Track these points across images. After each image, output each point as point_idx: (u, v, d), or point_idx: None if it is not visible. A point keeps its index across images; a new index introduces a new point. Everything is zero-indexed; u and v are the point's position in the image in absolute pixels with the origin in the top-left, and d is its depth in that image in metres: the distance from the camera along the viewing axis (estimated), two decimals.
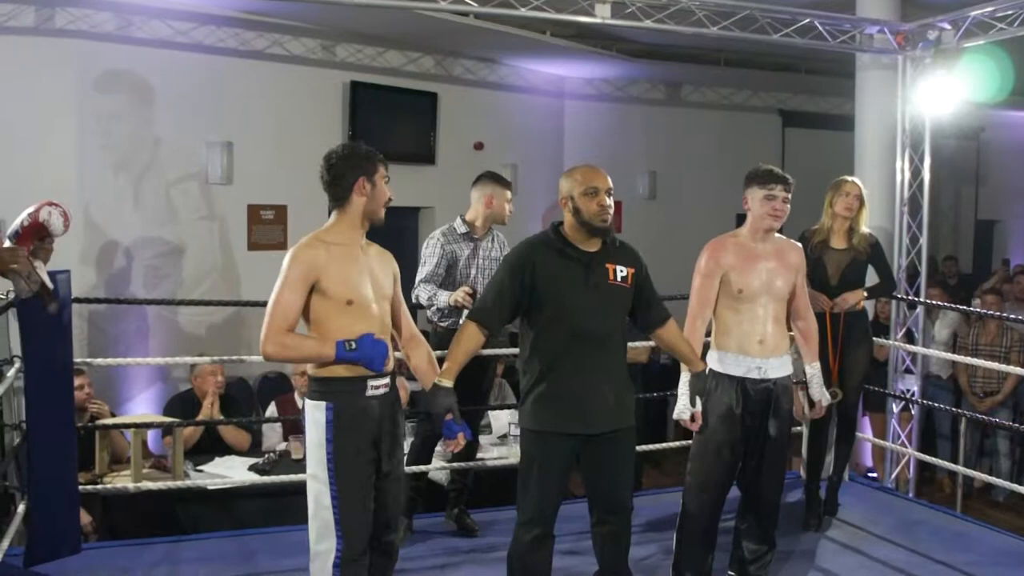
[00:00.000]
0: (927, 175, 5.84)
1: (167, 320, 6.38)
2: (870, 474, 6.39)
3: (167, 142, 6.32)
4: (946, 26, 5.49)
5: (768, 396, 3.61)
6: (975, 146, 11.34)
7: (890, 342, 5.79)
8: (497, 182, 4.45)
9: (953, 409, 6.23)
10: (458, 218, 4.46)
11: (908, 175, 5.88)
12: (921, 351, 5.87)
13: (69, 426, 3.98)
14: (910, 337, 6.03)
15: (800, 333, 3.91)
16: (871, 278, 4.83)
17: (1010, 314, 6.56)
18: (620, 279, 3.26)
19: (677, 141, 9.42)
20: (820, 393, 3.92)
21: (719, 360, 3.64)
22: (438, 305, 4.31)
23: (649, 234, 7.97)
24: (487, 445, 5.43)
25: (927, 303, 5.98)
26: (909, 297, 5.84)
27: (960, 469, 5.46)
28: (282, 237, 6.82)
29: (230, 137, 6.56)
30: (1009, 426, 6.29)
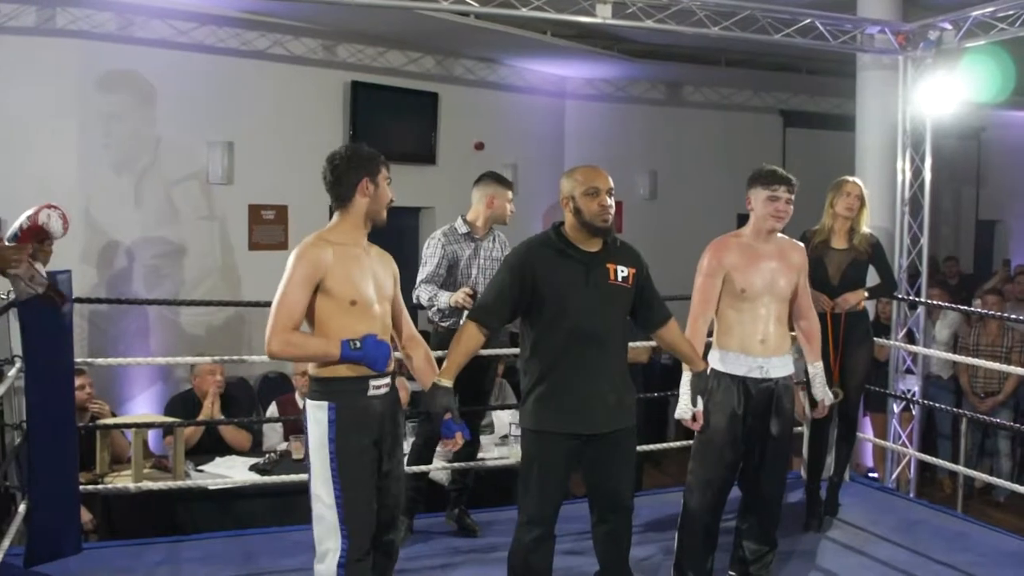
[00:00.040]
0: (928, 175, 5.84)
1: (168, 320, 6.38)
2: (871, 474, 6.38)
3: (168, 142, 6.32)
4: (947, 26, 5.49)
5: (770, 396, 3.61)
6: (976, 146, 11.33)
7: (891, 342, 5.79)
8: (498, 182, 4.45)
9: (954, 409, 6.22)
10: (459, 218, 4.46)
11: (909, 175, 5.87)
12: (922, 351, 5.86)
13: (70, 426, 3.98)
14: (911, 337, 6.03)
15: (802, 333, 3.91)
16: (872, 278, 4.83)
17: (1011, 314, 6.55)
18: (621, 279, 3.26)
19: (678, 141, 9.41)
20: (823, 392, 3.92)
21: (721, 359, 3.64)
22: (439, 306, 4.31)
23: (650, 234, 7.95)
24: (488, 445, 5.42)
25: (928, 303, 5.98)
26: (910, 297, 5.84)
27: (961, 469, 5.46)
28: (283, 237, 6.83)
29: (231, 137, 6.56)
30: (1010, 426, 6.29)
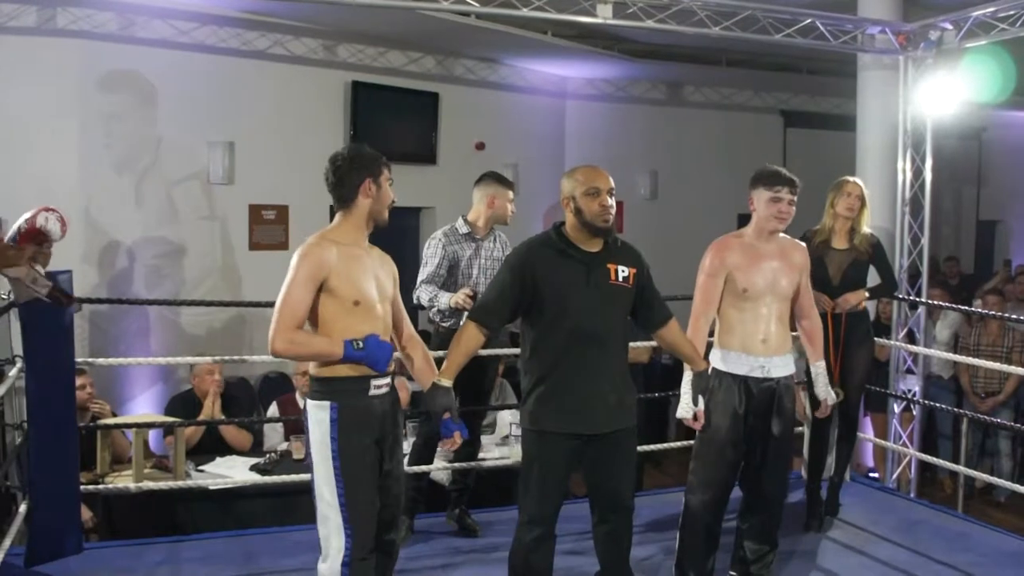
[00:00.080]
0: (928, 175, 5.84)
1: (168, 320, 6.38)
2: (871, 474, 6.38)
3: (169, 142, 6.32)
4: (948, 26, 5.49)
5: (771, 395, 3.61)
6: (977, 146, 11.33)
7: (891, 342, 5.79)
8: (499, 182, 4.45)
9: (954, 409, 6.22)
10: (460, 218, 4.46)
11: (910, 175, 5.87)
12: (922, 351, 5.86)
13: (71, 426, 3.98)
14: (911, 337, 6.03)
15: (805, 332, 3.91)
16: (872, 278, 4.83)
17: (1011, 314, 6.54)
18: (622, 279, 3.26)
19: (679, 141, 9.41)
20: (825, 392, 3.92)
21: (722, 359, 3.64)
22: (439, 307, 4.31)
23: (650, 234, 7.95)
24: (489, 445, 5.42)
25: (928, 303, 5.98)
26: (910, 297, 5.83)
27: (961, 469, 5.46)
28: (283, 237, 6.83)
29: (232, 137, 6.56)
30: (1011, 426, 6.30)
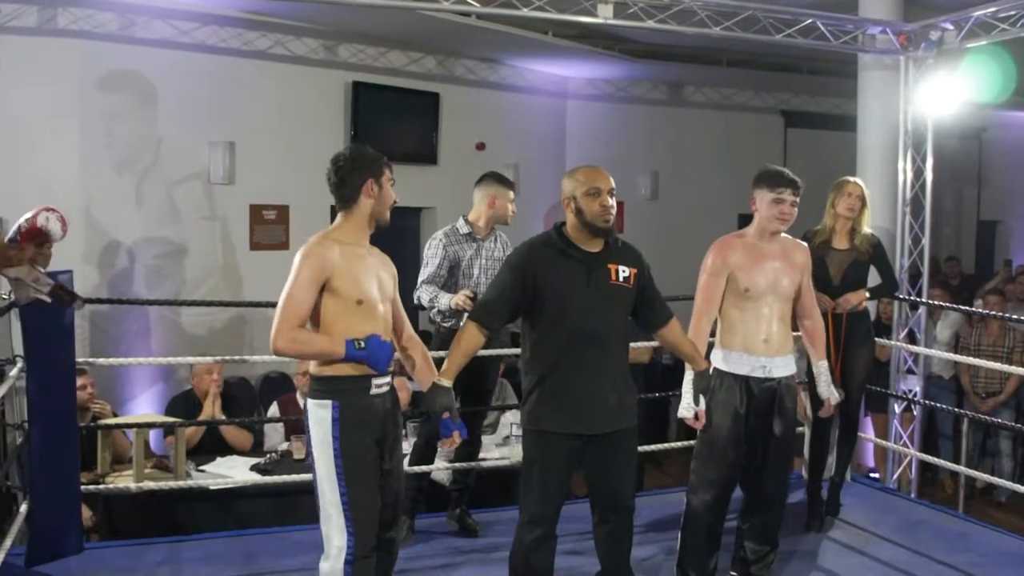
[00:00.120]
0: (929, 175, 5.84)
1: (169, 320, 6.38)
2: (872, 474, 6.38)
3: (169, 142, 6.32)
4: (948, 26, 5.49)
5: (772, 395, 3.61)
6: (977, 146, 11.32)
7: (892, 342, 5.78)
8: (500, 182, 4.46)
9: (955, 409, 6.21)
10: (460, 218, 4.46)
11: (910, 175, 5.87)
12: (923, 351, 5.86)
13: (71, 426, 3.98)
14: (912, 338, 6.02)
15: (807, 332, 3.91)
16: (873, 278, 4.83)
17: (1012, 314, 6.54)
18: (622, 279, 3.26)
19: (679, 141, 9.41)
20: (828, 391, 3.92)
21: (724, 358, 3.64)
22: (439, 307, 4.31)
23: (651, 234, 7.96)
24: (489, 445, 5.42)
25: (929, 303, 5.98)
26: (911, 298, 5.83)
27: (962, 469, 5.46)
28: (284, 237, 6.83)
29: (232, 137, 6.56)
30: (1011, 426, 6.30)
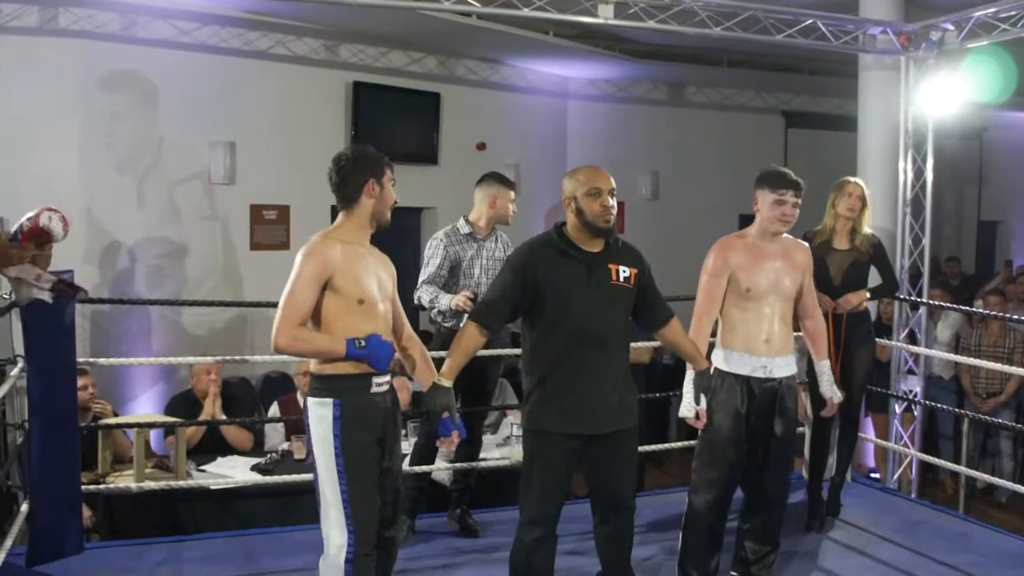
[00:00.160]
0: (930, 176, 5.84)
1: (170, 320, 6.39)
2: (872, 475, 6.39)
3: (170, 142, 6.32)
4: (949, 27, 5.49)
5: (773, 395, 3.61)
6: (978, 147, 11.32)
7: (893, 343, 5.78)
8: (501, 182, 4.45)
9: (955, 410, 6.21)
10: (461, 218, 4.46)
11: (911, 176, 5.87)
12: (924, 352, 5.86)
13: (72, 426, 3.98)
14: (913, 338, 6.02)
15: (808, 332, 3.91)
16: (873, 279, 4.83)
17: (1012, 315, 6.54)
18: (623, 279, 3.26)
19: (680, 142, 9.41)
20: (831, 391, 3.92)
21: (725, 359, 3.65)
22: (439, 308, 4.31)
23: (652, 234, 7.96)
24: (490, 445, 5.42)
25: (930, 304, 5.98)
26: (912, 298, 5.83)
27: (963, 470, 5.47)
28: (285, 237, 6.84)
29: (233, 137, 6.57)
30: (1012, 427, 6.30)
